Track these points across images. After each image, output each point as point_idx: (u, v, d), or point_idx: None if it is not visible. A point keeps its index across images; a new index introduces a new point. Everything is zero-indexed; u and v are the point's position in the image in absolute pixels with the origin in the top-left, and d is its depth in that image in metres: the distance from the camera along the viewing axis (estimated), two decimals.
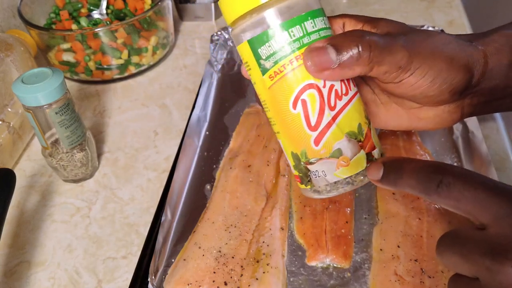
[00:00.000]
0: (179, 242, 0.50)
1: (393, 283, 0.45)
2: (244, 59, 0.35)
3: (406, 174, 0.32)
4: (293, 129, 0.34)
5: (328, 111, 0.33)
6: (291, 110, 0.33)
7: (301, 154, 0.34)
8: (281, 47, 0.32)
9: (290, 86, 0.33)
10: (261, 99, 0.36)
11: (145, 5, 0.80)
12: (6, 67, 0.61)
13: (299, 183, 0.38)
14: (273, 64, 0.32)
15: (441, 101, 0.37)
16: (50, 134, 0.54)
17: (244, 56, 0.35)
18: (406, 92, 0.36)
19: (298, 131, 0.34)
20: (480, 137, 0.55)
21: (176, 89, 0.74)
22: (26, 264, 0.51)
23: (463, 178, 0.30)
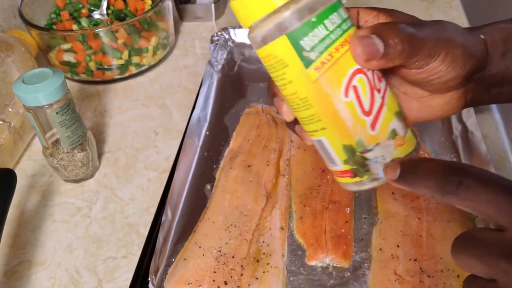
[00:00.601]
0: (180, 242, 0.50)
1: (393, 283, 0.45)
2: (275, 58, 0.32)
3: (423, 174, 0.32)
4: (346, 119, 0.33)
5: (377, 94, 0.33)
6: (343, 99, 0.32)
7: (356, 144, 0.33)
8: (325, 35, 0.31)
9: (340, 74, 0.32)
10: (299, 97, 0.33)
11: (145, 5, 0.80)
12: (6, 67, 0.61)
13: (349, 177, 0.35)
14: (319, 54, 0.31)
15: (453, 86, 0.38)
16: (51, 134, 0.54)
17: (278, 53, 0.32)
18: (426, 77, 0.37)
19: (352, 119, 0.33)
20: (479, 137, 0.55)
21: (177, 89, 0.74)
22: (27, 264, 0.51)
23: (482, 180, 0.30)
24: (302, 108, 0.33)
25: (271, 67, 0.33)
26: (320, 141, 0.35)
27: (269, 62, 0.33)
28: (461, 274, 0.45)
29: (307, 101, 0.33)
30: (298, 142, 0.60)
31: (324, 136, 0.34)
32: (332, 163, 0.35)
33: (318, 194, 0.53)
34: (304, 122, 0.35)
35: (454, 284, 0.44)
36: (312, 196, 0.53)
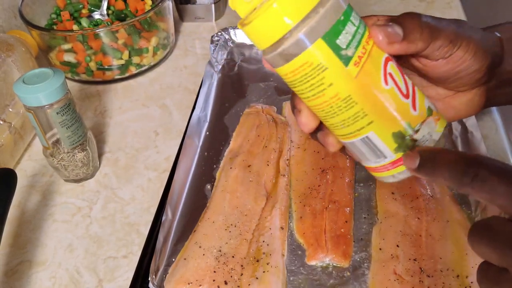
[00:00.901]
0: (180, 242, 0.50)
1: (392, 282, 0.45)
2: (311, 65, 0.31)
3: (441, 165, 0.32)
4: (391, 106, 0.33)
5: (406, 77, 0.35)
6: (384, 88, 0.33)
7: (405, 128, 0.34)
8: (355, 30, 0.32)
9: (376, 64, 0.33)
10: (341, 97, 0.32)
11: (145, 6, 0.80)
12: (7, 68, 0.61)
13: (401, 166, 0.35)
14: (354, 49, 0.32)
15: (478, 79, 0.39)
16: (51, 134, 0.54)
17: (314, 60, 0.31)
18: (453, 68, 0.38)
19: (396, 105, 0.34)
20: (479, 137, 0.55)
21: (177, 90, 0.74)
22: (27, 264, 0.51)
23: (498, 172, 0.30)
24: (343, 109, 0.33)
25: (303, 78, 0.32)
26: (366, 138, 0.34)
27: (302, 73, 0.32)
28: (460, 274, 0.45)
29: (350, 99, 0.33)
30: (298, 142, 0.60)
31: (372, 131, 0.34)
32: (380, 157, 0.35)
33: (318, 194, 0.53)
34: (345, 124, 0.34)
35: (454, 284, 0.44)
36: (312, 196, 0.53)
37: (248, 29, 0.32)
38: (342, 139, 0.36)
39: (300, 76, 0.32)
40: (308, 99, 0.33)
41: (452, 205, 0.51)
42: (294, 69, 0.32)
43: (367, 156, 0.36)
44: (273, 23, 0.31)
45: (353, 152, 0.36)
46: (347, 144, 0.36)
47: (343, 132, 0.35)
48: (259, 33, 0.32)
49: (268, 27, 0.31)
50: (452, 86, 0.40)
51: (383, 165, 0.36)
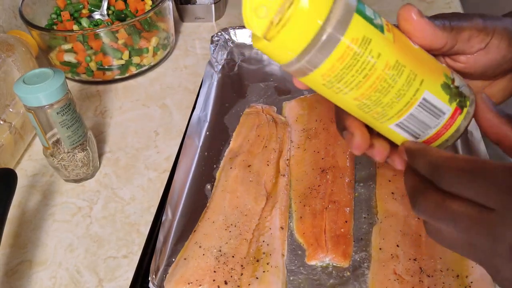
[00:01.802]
0: (180, 242, 0.50)
1: (392, 282, 0.45)
2: (357, 41, 0.31)
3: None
4: (429, 61, 0.35)
5: None
6: (415, 47, 0.35)
7: (446, 77, 0.35)
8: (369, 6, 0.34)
9: (398, 30, 0.35)
10: (391, 64, 0.32)
11: (145, 6, 0.80)
12: (7, 68, 0.61)
13: (460, 114, 0.35)
14: (379, 18, 0.33)
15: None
16: (52, 134, 0.54)
17: (358, 34, 0.31)
18: (494, 58, 0.38)
19: (430, 59, 0.35)
20: (479, 137, 0.55)
21: (177, 90, 0.74)
22: (28, 264, 0.51)
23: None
24: (396, 77, 0.32)
25: (351, 61, 0.31)
26: (423, 100, 0.34)
27: (350, 55, 0.31)
28: (460, 274, 0.45)
29: (399, 63, 0.33)
30: (298, 142, 0.61)
31: (426, 89, 0.34)
32: (440, 115, 0.35)
33: (318, 194, 0.53)
34: (401, 93, 0.33)
35: (453, 284, 0.44)
36: (312, 196, 0.53)
37: (275, 43, 0.30)
38: (399, 117, 0.34)
39: (348, 59, 0.31)
40: (359, 85, 0.32)
41: None
42: (340, 55, 0.31)
43: (427, 123, 0.35)
44: (306, 22, 0.29)
45: (411, 128, 0.35)
46: (404, 123, 0.35)
47: (399, 107, 0.34)
48: (289, 41, 0.30)
49: (300, 29, 0.30)
50: (491, 76, 0.40)
51: (444, 123, 0.35)
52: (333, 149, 0.58)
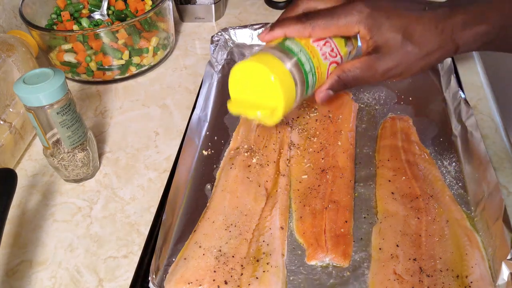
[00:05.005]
0: (180, 241, 0.50)
1: (392, 282, 0.45)
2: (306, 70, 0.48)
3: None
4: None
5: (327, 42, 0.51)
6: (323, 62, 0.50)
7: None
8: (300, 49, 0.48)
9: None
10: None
11: (146, 6, 0.80)
12: (7, 68, 0.61)
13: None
14: (309, 63, 0.48)
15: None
16: (52, 134, 0.54)
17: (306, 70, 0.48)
18: (400, 61, 0.48)
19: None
20: (479, 137, 0.55)
21: (177, 90, 0.74)
22: (28, 263, 0.51)
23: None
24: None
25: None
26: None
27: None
28: (460, 274, 0.45)
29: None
30: (298, 142, 0.61)
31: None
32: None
33: (318, 194, 0.53)
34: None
35: (453, 284, 0.44)
36: (312, 196, 0.53)
37: (278, 115, 0.47)
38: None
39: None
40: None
41: (451, 205, 0.51)
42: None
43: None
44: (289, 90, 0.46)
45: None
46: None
47: None
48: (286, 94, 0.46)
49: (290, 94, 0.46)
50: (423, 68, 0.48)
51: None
52: (333, 149, 0.58)
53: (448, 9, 0.45)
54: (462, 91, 0.62)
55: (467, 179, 0.54)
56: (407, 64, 0.46)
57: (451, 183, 0.54)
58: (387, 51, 0.46)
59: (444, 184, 0.54)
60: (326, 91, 0.50)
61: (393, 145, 0.58)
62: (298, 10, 0.50)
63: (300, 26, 0.47)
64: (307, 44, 0.47)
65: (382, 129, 0.61)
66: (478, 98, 0.66)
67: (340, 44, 0.50)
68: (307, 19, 0.47)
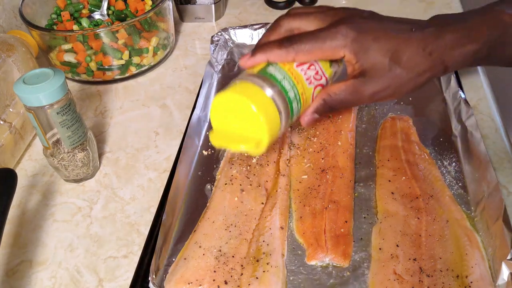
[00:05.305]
0: (180, 241, 0.50)
1: (392, 282, 0.45)
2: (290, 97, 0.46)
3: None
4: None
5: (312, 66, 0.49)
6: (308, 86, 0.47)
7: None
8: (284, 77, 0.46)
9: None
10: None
11: (145, 6, 0.80)
12: (7, 68, 0.61)
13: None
14: (293, 90, 0.46)
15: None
16: (52, 134, 0.54)
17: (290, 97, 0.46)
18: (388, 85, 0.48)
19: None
20: (479, 137, 0.55)
21: (177, 90, 0.74)
22: (28, 263, 0.51)
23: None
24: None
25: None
26: None
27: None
28: (460, 274, 0.45)
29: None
30: (298, 142, 0.61)
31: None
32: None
33: (318, 194, 0.53)
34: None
35: (453, 284, 0.44)
36: (312, 196, 0.53)
37: (263, 146, 0.44)
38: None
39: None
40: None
41: (451, 205, 0.51)
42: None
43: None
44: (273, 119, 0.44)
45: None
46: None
47: None
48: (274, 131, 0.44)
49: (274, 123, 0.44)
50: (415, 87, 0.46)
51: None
52: (333, 149, 0.58)
53: (435, 29, 0.44)
54: (462, 91, 0.62)
55: (467, 179, 0.54)
56: (395, 87, 0.45)
57: (451, 183, 0.54)
58: (374, 74, 0.44)
59: (444, 184, 0.54)
60: (312, 115, 0.48)
61: (393, 145, 0.58)
62: (280, 31, 0.47)
63: (283, 51, 0.44)
64: (290, 70, 0.45)
65: (382, 129, 0.61)
66: (478, 98, 0.66)
67: (325, 65, 0.48)
68: (290, 43, 0.44)
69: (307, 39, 0.44)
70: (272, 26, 0.48)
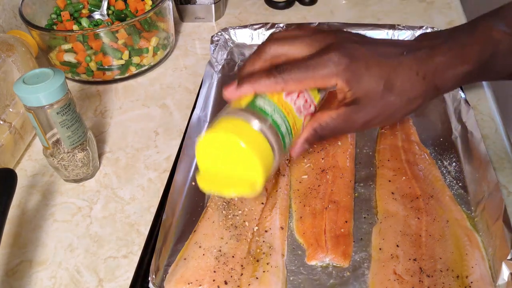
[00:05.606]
0: (180, 242, 0.50)
1: (392, 282, 0.45)
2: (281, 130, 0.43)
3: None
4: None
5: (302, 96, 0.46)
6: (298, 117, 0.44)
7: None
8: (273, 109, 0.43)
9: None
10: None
11: (145, 6, 0.80)
12: (7, 68, 0.61)
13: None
14: (285, 125, 0.44)
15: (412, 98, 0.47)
16: (52, 134, 0.54)
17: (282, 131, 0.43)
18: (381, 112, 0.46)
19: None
20: (479, 137, 0.55)
21: (177, 90, 0.74)
22: (28, 264, 0.51)
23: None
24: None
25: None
26: None
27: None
28: (460, 274, 0.45)
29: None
30: None
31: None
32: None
33: (318, 194, 0.53)
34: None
35: (453, 284, 0.44)
36: (312, 196, 0.53)
37: (258, 188, 0.41)
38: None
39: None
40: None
41: (452, 205, 0.51)
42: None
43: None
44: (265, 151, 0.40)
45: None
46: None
47: None
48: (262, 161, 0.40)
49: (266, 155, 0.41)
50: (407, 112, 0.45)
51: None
52: (333, 149, 0.58)
53: (427, 51, 0.43)
54: (462, 91, 0.62)
55: (467, 179, 0.54)
56: (389, 114, 0.43)
57: (451, 183, 0.54)
58: (368, 102, 0.42)
59: (444, 184, 0.54)
60: (302, 146, 0.45)
61: (393, 145, 0.58)
62: (266, 58, 0.44)
63: (271, 81, 0.41)
64: (280, 101, 0.42)
65: (382, 129, 0.61)
66: (478, 98, 0.66)
67: (314, 93, 0.45)
68: (278, 72, 0.41)
69: (297, 67, 0.41)
70: (257, 52, 0.45)
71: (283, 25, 0.77)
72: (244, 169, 0.40)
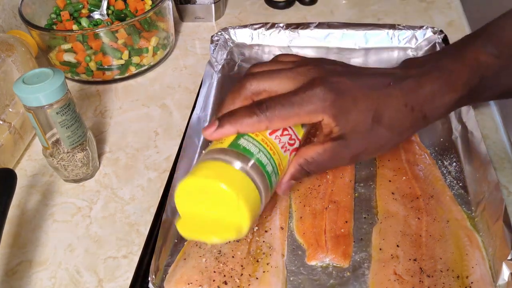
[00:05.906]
0: (180, 242, 0.50)
1: (392, 283, 0.45)
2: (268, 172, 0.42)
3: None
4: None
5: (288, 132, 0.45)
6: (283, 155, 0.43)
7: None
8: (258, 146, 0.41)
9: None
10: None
11: (145, 5, 0.80)
12: (7, 68, 0.61)
13: None
14: (271, 162, 0.42)
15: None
16: (51, 134, 0.54)
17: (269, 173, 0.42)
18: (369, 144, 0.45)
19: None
20: (479, 137, 0.55)
21: (177, 90, 0.74)
22: (27, 264, 0.51)
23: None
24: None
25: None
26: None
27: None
28: (460, 274, 0.45)
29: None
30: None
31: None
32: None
33: (318, 194, 0.53)
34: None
35: (454, 284, 0.44)
36: (312, 196, 0.53)
37: (244, 231, 0.39)
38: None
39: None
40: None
41: (452, 205, 0.51)
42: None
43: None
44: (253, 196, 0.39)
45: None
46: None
47: None
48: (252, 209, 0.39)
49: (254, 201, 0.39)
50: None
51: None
52: None
53: (414, 81, 0.42)
54: None
55: (468, 179, 0.54)
56: (378, 146, 0.43)
57: (451, 183, 0.54)
58: (355, 136, 0.41)
59: (444, 184, 0.54)
60: (288, 182, 0.44)
61: None
62: (246, 94, 0.43)
63: (254, 119, 0.40)
64: (264, 140, 0.40)
65: None
66: None
67: (298, 128, 0.44)
68: (262, 111, 0.40)
69: (281, 105, 0.40)
70: (237, 89, 0.43)
71: (283, 25, 0.77)
72: (228, 214, 0.38)
